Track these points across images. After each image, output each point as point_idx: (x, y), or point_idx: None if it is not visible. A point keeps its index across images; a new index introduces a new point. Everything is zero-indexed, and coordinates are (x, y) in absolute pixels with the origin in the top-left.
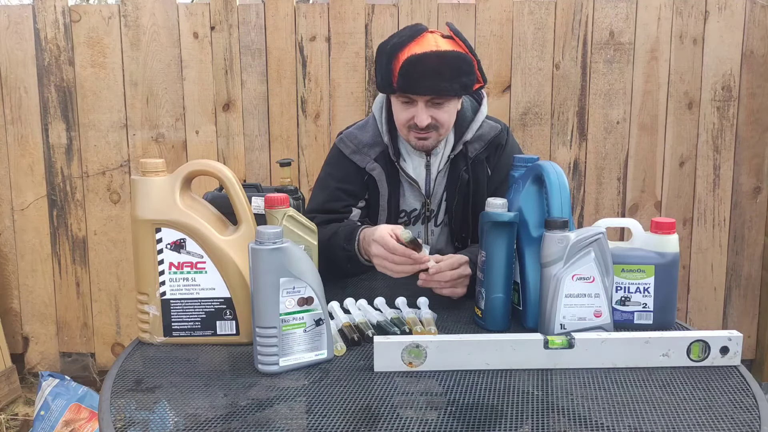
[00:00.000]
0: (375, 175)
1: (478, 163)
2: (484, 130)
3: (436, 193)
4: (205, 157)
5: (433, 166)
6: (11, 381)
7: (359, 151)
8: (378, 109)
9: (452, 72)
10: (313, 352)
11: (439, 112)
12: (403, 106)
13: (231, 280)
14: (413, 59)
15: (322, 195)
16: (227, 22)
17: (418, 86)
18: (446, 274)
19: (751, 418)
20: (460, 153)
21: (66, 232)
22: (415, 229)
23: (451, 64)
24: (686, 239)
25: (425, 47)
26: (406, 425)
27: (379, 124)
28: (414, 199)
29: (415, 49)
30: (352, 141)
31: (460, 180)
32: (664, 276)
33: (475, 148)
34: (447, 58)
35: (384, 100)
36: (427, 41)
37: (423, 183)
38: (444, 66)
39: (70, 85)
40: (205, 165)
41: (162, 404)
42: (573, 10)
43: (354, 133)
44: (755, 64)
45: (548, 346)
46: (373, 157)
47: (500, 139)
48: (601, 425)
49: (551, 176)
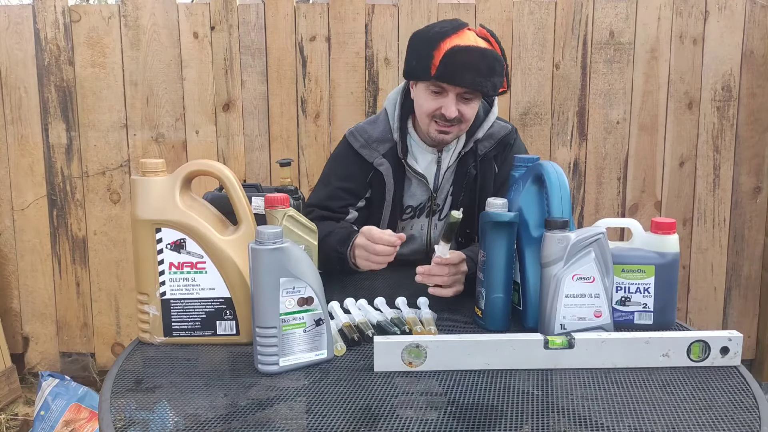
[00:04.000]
0: (383, 170)
1: (486, 161)
2: (495, 130)
3: (443, 188)
4: (205, 157)
5: (444, 162)
6: (11, 381)
7: (368, 146)
8: (392, 105)
9: (489, 70)
10: (313, 352)
11: (465, 108)
12: (432, 96)
13: (231, 280)
14: (457, 50)
15: (323, 191)
16: (227, 22)
17: (457, 77)
18: (443, 268)
19: (751, 418)
20: (469, 150)
21: (66, 232)
22: (419, 222)
23: (490, 62)
24: (686, 239)
25: (466, 41)
26: (406, 425)
27: (390, 120)
28: (421, 194)
29: (457, 41)
30: (362, 135)
31: (468, 176)
32: (664, 276)
33: (485, 146)
34: (488, 55)
35: (398, 97)
36: (468, 36)
37: (432, 178)
38: (483, 63)
39: (70, 85)
40: (205, 165)
41: (162, 404)
42: (573, 10)
43: (364, 128)
44: (755, 64)
45: (548, 346)
46: (382, 152)
47: (509, 138)
48: (601, 425)
49: (551, 176)
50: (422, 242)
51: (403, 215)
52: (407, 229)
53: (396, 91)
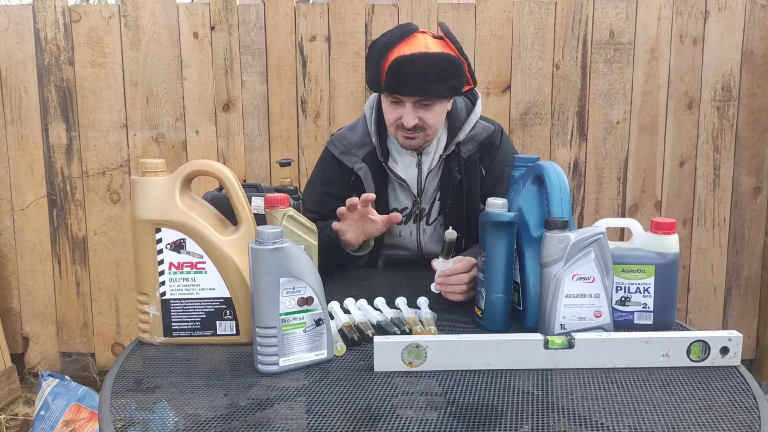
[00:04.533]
0: (361, 175)
1: (471, 164)
2: (477, 131)
3: (427, 192)
4: (205, 157)
5: (424, 165)
6: (11, 381)
7: (348, 152)
8: (369, 109)
9: (440, 74)
10: (313, 352)
11: (426, 114)
12: (391, 106)
13: (231, 280)
14: (401, 60)
15: (311, 198)
16: (227, 22)
17: (404, 87)
18: (463, 277)
19: (751, 418)
20: (452, 153)
21: (66, 232)
22: (407, 228)
23: (439, 66)
24: (686, 239)
25: (414, 48)
26: (406, 425)
27: (368, 124)
28: (405, 198)
29: (404, 49)
30: (341, 142)
31: (453, 180)
32: (664, 276)
33: (467, 149)
34: (435, 59)
35: (375, 100)
36: (417, 42)
37: (414, 182)
38: (432, 68)
39: (70, 85)
40: (205, 165)
41: (162, 404)
42: (573, 10)
43: (344, 134)
44: (755, 64)
45: (548, 346)
46: (361, 156)
47: (493, 139)
48: (601, 425)
49: (551, 176)
50: (413, 247)
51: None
52: (394, 236)
53: (374, 96)
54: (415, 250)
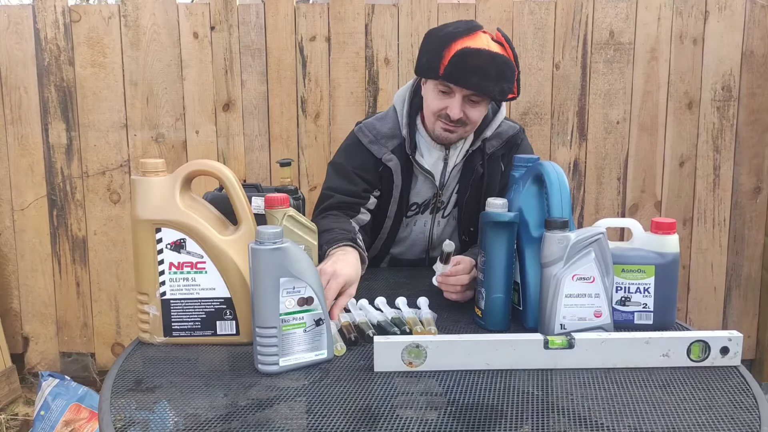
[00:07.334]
0: (391, 166)
1: (494, 159)
2: (503, 129)
3: (449, 186)
4: (205, 157)
5: (451, 159)
6: (11, 381)
7: (377, 142)
8: (400, 102)
9: (498, 75)
10: (313, 352)
11: (472, 110)
12: (439, 95)
13: (231, 280)
14: (467, 52)
15: (341, 178)
16: (227, 22)
17: (463, 79)
18: (463, 278)
19: (751, 418)
20: (477, 149)
21: (66, 232)
22: (422, 218)
23: (499, 67)
24: (686, 239)
25: (479, 44)
26: (406, 425)
27: (399, 117)
28: (426, 190)
29: (468, 43)
30: (370, 131)
31: (475, 173)
32: (664, 276)
33: (492, 145)
34: (498, 60)
35: (407, 94)
36: (481, 39)
37: (438, 175)
38: (493, 67)
39: (70, 85)
40: (205, 165)
41: (162, 404)
42: (573, 10)
43: (373, 124)
44: (755, 64)
45: (548, 346)
46: (390, 148)
47: (517, 138)
48: (601, 425)
49: (551, 176)
50: (424, 239)
51: (408, 212)
52: (410, 226)
53: (405, 88)
54: (425, 244)
